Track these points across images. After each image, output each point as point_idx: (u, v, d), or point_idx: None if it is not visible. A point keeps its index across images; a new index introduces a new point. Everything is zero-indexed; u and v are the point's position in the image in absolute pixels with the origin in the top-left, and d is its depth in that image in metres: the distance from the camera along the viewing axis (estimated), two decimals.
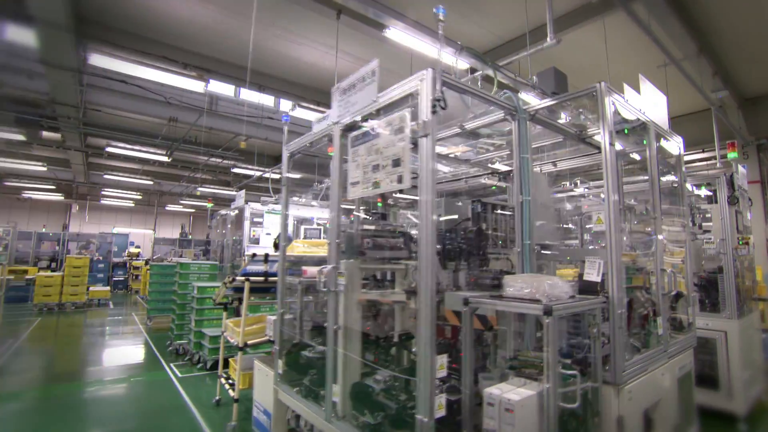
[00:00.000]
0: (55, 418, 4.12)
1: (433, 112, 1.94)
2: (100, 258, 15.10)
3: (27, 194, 17.81)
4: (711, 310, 4.54)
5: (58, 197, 18.37)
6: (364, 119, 2.45)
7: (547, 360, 1.58)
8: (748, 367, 4.37)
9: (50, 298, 10.78)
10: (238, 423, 3.81)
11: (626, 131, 2.51)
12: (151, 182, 15.15)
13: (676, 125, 10.01)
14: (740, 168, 4.89)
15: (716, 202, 4.44)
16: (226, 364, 4.63)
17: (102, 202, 19.43)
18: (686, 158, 10.41)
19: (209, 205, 12.13)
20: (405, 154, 2.07)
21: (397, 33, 5.02)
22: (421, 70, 1.99)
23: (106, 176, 14.53)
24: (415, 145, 2.04)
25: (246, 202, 6.99)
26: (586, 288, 2.24)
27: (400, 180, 2.09)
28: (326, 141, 3.10)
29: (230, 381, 4.33)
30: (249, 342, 3.97)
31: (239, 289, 4.11)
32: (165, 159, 10.87)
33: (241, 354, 3.86)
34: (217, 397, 4.46)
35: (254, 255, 3.96)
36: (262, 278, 3.96)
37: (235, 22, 6.57)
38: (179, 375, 5.56)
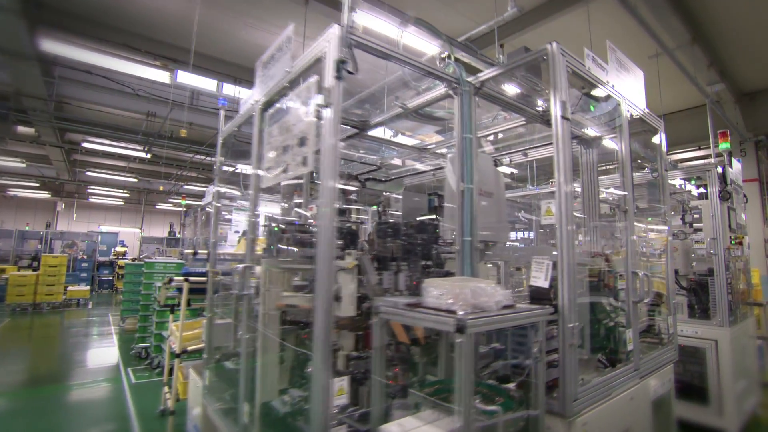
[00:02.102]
0: None
1: (338, 78, 1.57)
2: (84, 257, 14.77)
3: (13, 192, 17.51)
4: (701, 317, 4.16)
5: (44, 195, 18.06)
6: (280, 94, 2.09)
7: (460, 390, 1.21)
8: (741, 379, 3.99)
9: (24, 297, 10.45)
10: None
11: (592, 108, 2.14)
12: (136, 180, 14.81)
13: (671, 122, 9.63)
14: (734, 161, 4.51)
15: (707, 197, 4.06)
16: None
17: (90, 200, 19.12)
18: (681, 156, 10.06)
19: (183, 201, 11.79)
20: (310, 131, 1.70)
21: (365, 16, 4.68)
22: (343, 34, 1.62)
23: (88, 173, 14.20)
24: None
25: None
26: (537, 295, 1.87)
27: (304, 162, 1.72)
28: None
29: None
30: (189, 348, 3.61)
31: (190, 290, 3.76)
32: (144, 155, 10.52)
33: (177, 361, 3.50)
34: (161, 408, 4.10)
35: (195, 253, 3.59)
36: (204, 278, 3.59)
37: (204, 10, 6.22)
38: (133, 381, 5.21)
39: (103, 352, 6.81)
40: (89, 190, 17.22)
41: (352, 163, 4.40)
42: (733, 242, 4.10)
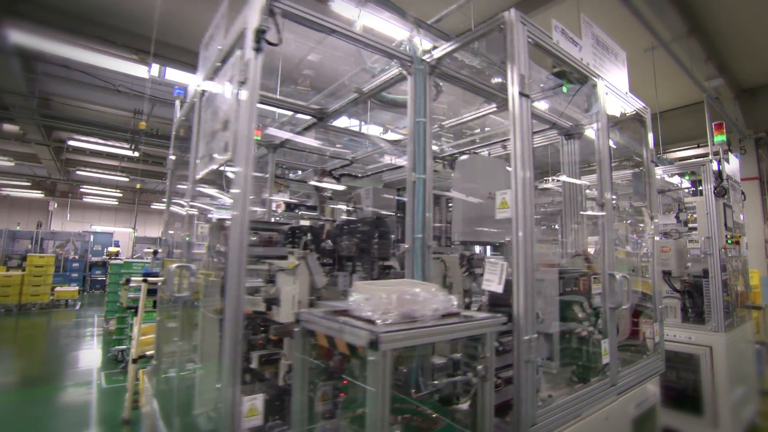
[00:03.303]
0: None
1: (256, 50, 1.36)
2: (76, 257, 14.62)
3: (5, 191, 17.38)
4: (696, 321, 3.92)
5: (38, 195, 17.91)
6: (214, 76, 1.88)
7: (376, 419, 0.99)
8: (739, 387, 3.75)
9: (9, 298, 10.26)
10: None
11: (564, 89, 1.92)
12: (127, 179, 14.63)
13: (669, 119, 9.33)
14: (732, 156, 4.27)
15: (701, 194, 3.82)
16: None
17: (84, 200, 18.98)
18: (680, 154, 9.79)
19: (166, 200, 11.60)
20: (232, 112, 1.49)
21: (342, 5, 4.47)
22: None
23: (79, 172, 14.03)
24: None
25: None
26: (496, 301, 1.65)
27: (226, 148, 1.51)
28: None
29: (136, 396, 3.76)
30: (148, 353, 3.40)
31: (153, 292, 3.56)
32: (131, 153, 10.33)
33: (134, 367, 3.29)
34: (124, 415, 3.89)
35: (156, 252, 3.38)
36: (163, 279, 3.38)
37: (183, 4, 6.02)
38: (104, 386, 5.00)
39: (79, 356, 6.60)
40: (82, 190, 17.06)
41: (326, 159, 4.19)
42: (729, 241, 3.86)
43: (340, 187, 4.09)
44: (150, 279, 3.31)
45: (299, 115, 2.73)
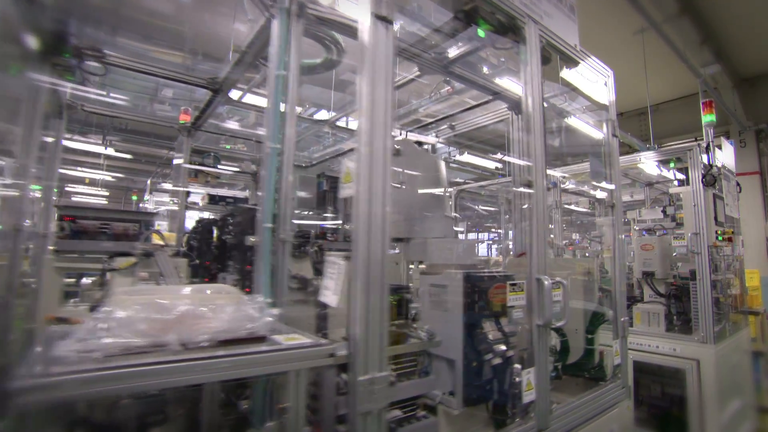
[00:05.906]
0: None
1: None
2: None
3: None
4: (682, 330, 3.45)
5: None
6: None
7: None
8: (732, 403, 3.29)
9: None
10: None
11: (481, 32, 1.48)
12: (110, 177, 14.31)
13: (665, 112, 8.79)
14: (724, 142, 3.79)
15: (687, 183, 3.35)
16: None
17: (72, 199, 18.72)
18: (676, 148, 9.27)
19: (134, 197, 11.32)
20: None
21: None
22: None
23: (60, 170, 13.71)
24: None
25: (151, 192, 6.06)
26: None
27: None
28: None
29: None
30: None
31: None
32: (104, 151, 9.97)
33: None
34: None
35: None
36: None
37: None
38: None
39: None
40: (67, 189, 16.77)
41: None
42: (720, 238, 3.38)
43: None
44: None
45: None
